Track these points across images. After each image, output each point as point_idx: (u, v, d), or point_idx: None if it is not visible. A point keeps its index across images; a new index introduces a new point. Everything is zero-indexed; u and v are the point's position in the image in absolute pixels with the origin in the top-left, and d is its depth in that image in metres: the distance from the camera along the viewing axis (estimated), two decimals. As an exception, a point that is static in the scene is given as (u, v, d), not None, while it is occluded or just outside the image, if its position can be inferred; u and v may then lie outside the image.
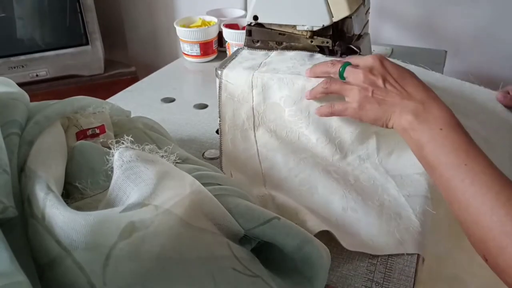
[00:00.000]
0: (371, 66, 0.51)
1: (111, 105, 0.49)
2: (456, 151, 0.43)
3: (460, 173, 0.41)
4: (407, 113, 0.47)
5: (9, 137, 0.35)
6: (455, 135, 0.44)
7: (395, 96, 0.48)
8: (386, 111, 0.48)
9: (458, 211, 0.42)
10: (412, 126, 0.46)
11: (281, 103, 0.59)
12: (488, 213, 0.39)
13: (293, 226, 0.38)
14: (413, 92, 0.48)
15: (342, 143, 0.58)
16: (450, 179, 0.42)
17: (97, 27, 1.42)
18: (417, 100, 0.47)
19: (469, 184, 0.41)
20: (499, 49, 1.21)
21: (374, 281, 0.43)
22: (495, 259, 0.38)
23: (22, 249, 0.29)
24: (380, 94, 0.49)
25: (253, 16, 0.68)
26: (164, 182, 0.32)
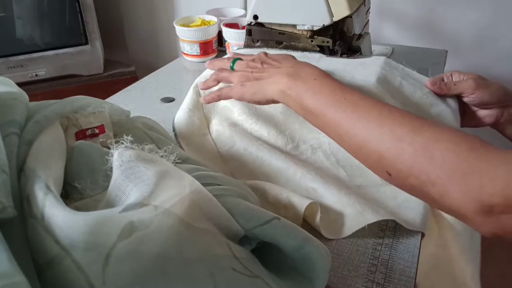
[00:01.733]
0: (254, 57, 0.58)
1: (110, 105, 0.49)
2: (333, 92, 0.46)
3: (341, 106, 0.45)
4: (281, 76, 0.51)
5: (9, 137, 0.35)
6: (329, 81, 0.48)
7: (270, 69, 0.54)
8: (263, 83, 0.53)
9: (348, 140, 0.44)
10: (288, 85, 0.50)
11: (228, 105, 0.63)
12: (376, 129, 0.41)
13: (293, 226, 0.38)
14: (284, 62, 0.54)
15: (293, 133, 0.60)
16: (334, 116, 0.45)
17: (96, 26, 1.42)
18: (288, 66, 0.53)
19: (352, 111, 0.44)
20: (499, 49, 1.21)
21: (375, 281, 0.43)
22: (396, 167, 0.39)
23: (21, 249, 0.28)
24: (258, 71, 0.54)
25: (253, 16, 0.68)
26: (163, 182, 0.32)
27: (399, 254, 0.46)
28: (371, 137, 0.41)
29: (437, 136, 0.37)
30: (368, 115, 0.42)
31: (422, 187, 0.37)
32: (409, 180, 0.38)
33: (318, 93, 0.47)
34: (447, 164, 0.35)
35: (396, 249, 0.47)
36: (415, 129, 0.39)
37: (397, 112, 0.42)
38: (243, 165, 0.57)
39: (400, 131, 0.39)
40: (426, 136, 0.38)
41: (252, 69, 0.55)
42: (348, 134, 0.44)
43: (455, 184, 0.35)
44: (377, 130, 0.41)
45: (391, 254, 0.46)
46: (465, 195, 0.34)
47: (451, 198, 0.35)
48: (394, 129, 0.40)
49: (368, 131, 0.42)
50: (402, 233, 0.49)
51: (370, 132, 0.41)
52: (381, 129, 0.41)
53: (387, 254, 0.46)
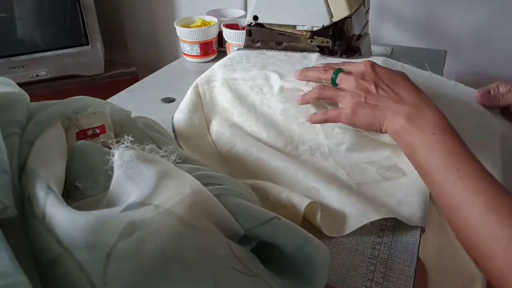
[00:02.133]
0: (363, 72, 0.52)
1: (111, 105, 0.49)
2: (448, 156, 0.43)
3: (452, 177, 0.42)
4: (400, 116, 0.47)
5: (10, 137, 0.35)
6: (448, 140, 0.44)
7: (387, 100, 0.48)
8: (379, 116, 0.49)
9: (450, 215, 0.42)
10: (405, 129, 0.46)
11: (228, 106, 0.63)
12: (478, 217, 0.39)
13: (293, 226, 0.38)
14: (405, 96, 0.48)
15: (292, 134, 0.60)
16: (442, 183, 0.42)
17: (97, 27, 1.42)
18: (410, 104, 0.47)
19: (461, 188, 0.41)
20: (499, 49, 1.21)
21: (374, 281, 0.43)
22: (486, 263, 0.38)
23: (23, 249, 0.29)
24: (372, 99, 0.49)
25: (253, 16, 0.68)
26: (164, 182, 0.32)
27: (398, 253, 0.46)
28: (471, 225, 0.39)
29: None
30: (475, 201, 0.39)
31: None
32: (494, 282, 0.37)
33: (432, 151, 0.44)
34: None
35: (395, 248, 0.47)
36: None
37: (505, 204, 0.39)
38: (244, 165, 0.57)
39: (501, 232, 0.37)
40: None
41: (365, 93, 0.50)
42: (451, 210, 0.42)
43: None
44: (479, 222, 0.39)
45: (390, 253, 0.46)
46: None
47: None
48: (495, 228, 0.37)
49: (470, 218, 0.39)
50: (401, 232, 0.49)
51: (471, 220, 0.39)
52: (483, 222, 0.38)
53: (386, 253, 0.46)
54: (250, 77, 0.62)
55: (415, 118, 0.46)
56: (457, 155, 0.43)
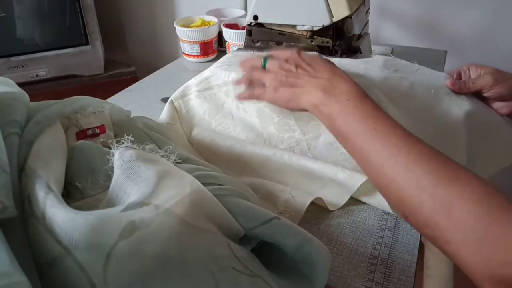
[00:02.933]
0: (287, 56, 0.55)
1: (111, 105, 0.49)
2: (364, 118, 0.44)
3: (371, 137, 0.43)
4: (317, 90, 0.49)
5: (9, 137, 0.35)
6: (362, 104, 0.46)
7: (305, 77, 0.51)
8: (297, 91, 0.51)
9: (374, 176, 0.43)
10: (322, 101, 0.48)
11: (206, 117, 0.64)
12: (402, 171, 0.40)
13: (293, 226, 0.38)
14: (321, 71, 0.51)
15: (270, 135, 0.61)
16: (362, 145, 0.44)
17: (97, 27, 1.42)
18: (324, 77, 0.50)
19: (381, 146, 0.42)
20: (499, 49, 1.21)
21: (374, 281, 0.43)
22: (415, 215, 0.38)
23: (22, 248, 0.29)
24: (292, 77, 0.52)
25: (253, 16, 0.68)
26: (164, 182, 0.32)
27: (398, 253, 0.46)
28: (395, 180, 0.40)
29: (460, 192, 0.36)
30: (396, 156, 0.41)
31: (436, 241, 0.37)
32: (425, 230, 0.38)
33: (349, 116, 0.46)
34: (463, 226, 0.35)
35: (395, 249, 0.47)
36: (440, 179, 0.37)
37: (426, 154, 0.40)
38: (232, 162, 0.58)
39: (424, 180, 0.38)
40: (449, 190, 0.36)
41: (286, 72, 0.53)
42: (374, 170, 0.43)
43: (468, 249, 0.34)
44: (403, 174, 0.39)
45: (391, 254, 0.46)
46: (476, 262, 0.34)
47: (463, 261, 0.35)
48: (419, 176, 0.38)
49: (393, 174, 0.40)
50: (401, 233, 0.49)
51: (395, 175, 0.40)
52: (406, 173, 0.39)
53: (387, 253, 0.46)
54: (223, 83, 0.63)
55: (330, 89, 0.48)
56: (373, 117, 0.44)
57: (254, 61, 0.58)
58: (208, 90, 0.64)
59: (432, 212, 0.37)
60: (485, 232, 0.33)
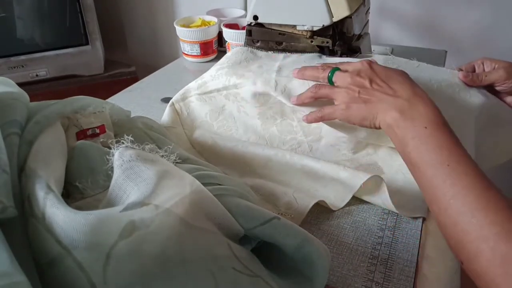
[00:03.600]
0: (359, 69, 0.52)
1: (111, 105, 0.49)
2: (439, 150, 0.42)
3: (442, 173, 0.41)
4: (392, 110, 0.46)
5: (9, 137, 0.35)
6: (439, 134, 0.43)
7: (381, 94, 0.48)
8: (372, 109, 0.48)
9: (438, 212, 0.41)
10: (397, 123, 0.46)
11: (208, 119, 0.64)
12: (467, 215, 0.38)
13: (293, 226, 0.38)
14: (399, 90, 0.48)
15: (272, 137, 0.61)
16: (432, 179, 0.42)
17: (97, 27, 1.42)
18: (403, 97, 0.47)
19: (450, 185, 0.40)
20: (499, 49, 1.21)
21: (374, 281, 0.43)
22: (472, 264, 0.37)
23: (22, 248, 0.29)
24: (366, 94, 0.49)
25: (253, 16, 0.68)
26: (164, 182, 0.32)
27: (398, 253, 0.46)
28: (458, 221, 0.38)
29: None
30: (464, 199, 0.39)
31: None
32: (479, 282, 0.37)
33: (423, 145, 0.43)
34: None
35: (395, 249, 0.47)
36: (504, 232, 0.36)
37: (495, 202, 0.38)
38: (234, 163, 0.58)
39: (488, 230, 0.36)
40: (509, 245, 0.35)
41: (360, 88, 0.50)
42: (439, 206, 0.41)
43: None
44: (467, 219, 0.38)
45: (390, 254, 0.46)
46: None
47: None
48: (483, 225, 0.37)
49: (458, 215, 0.39)
50: (401, 232, 0.49)
51: (459, 217, 0.38)
52: (471, 219, 0.37)
53: (386, 253, 0.46)
54: (223, 87, 0.62)
55: (407, 111, 0.46)
56: (448, 150, 0.42)
57: (317, 73, 0.55)
58: (208, 93, 0.64)
59: (489, 265, 0.35)
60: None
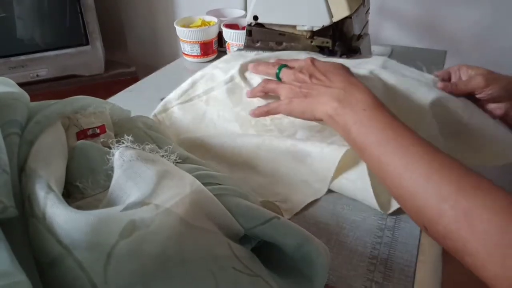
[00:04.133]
0: (301, 66, 0.55)
1: (111, 105, 0.49)
2: (382, 129, 0.44)
3: (390, 149, 0.42)
4: (331, 100, 0.48)
5: (9, 137, 0.35)
6: (379, 114, 0.45)
7: (319, 87, 0.51)
8: (312, 102, 0.51)
9: (392, 187, 0.42)
10: (337, 111, 0.47)
11: (190, 127, 0.64)
12: (422, 182, 0.39)
13: (293, 226, 0.38)
14: (335, 81, 0.51)
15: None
16: (381, 156, 0.43)
17: (97, 27, 1.42)
18: (339, 87, 0.49)
19: (400, 157, 0.41)
20: (499, 49, 1.21)
21: (374, 280, 0.43)
22: (435, 226, 0.37)
23: (23, 248, 0.29)
24: (306, 88, 0.52)
25: (253, 16, 0.68)
26: (164, 182, 0.32)
27: (398, 253, 0.46)
28: (415, 191, 0.39)
29: (482, 201, 0.35)
30: (417, 166, 0.39)
31: (458, 253, 0.36)
32: (446, 241, 0.37)
33: (366, 127, 0.45)
34: (487, 237, 0.33)
35: (395, 248, 0.47)
36: (461, 189, 0.36)
37: (448, 164, 0.39)
38: (224, 157, 0.58)
39: (445, 190, 0.37)
40: (471, 200, 0.35)
41: (301, 84, 0.53)
42: (392, 181, 0.41)
43: (492, 261, 0.33)
44: (423, 185, 0.38)
45: (390, 253, 0.46)
46: (501, 273, 0.32)
47: (486, 272, 0.34)
48: (440, 186, 0.37)
49: (413, 184, 0.39)
50: (401, 232, 0.49)
51: (415, 185, 0.39)
52: (427, 184, 0.38)
53: (386, 253, 0.46)
54: (203, 92, 0.64)
55: (345, 99, 0.48)
56: (391, 127, 0.43)
57: (267, 68, 0.58)
58: (189, 101, 0.65)
59: (453, 223, 0.36)
60: (511, 244, 0.32)
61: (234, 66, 0.64)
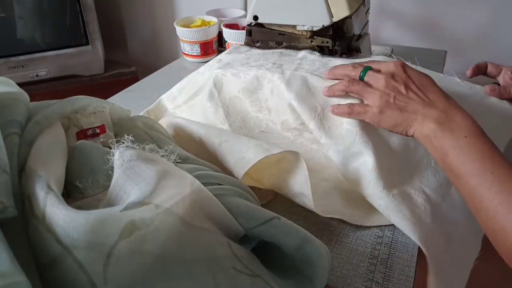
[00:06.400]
0: (393, 72, 0.51)
1: (111, 105, 0.49)
2: (481, 159, 0.42)
3: (487, 181, 0.41)
4: (430, 121, 0.46)
5: (9, 137, 0.35)
6: (480, 143, 0.43)
7: (418, 103, 0.48)
8: (407, 118, 0.48)
9: (485, 220, 0.41)
10: (435, 134, 0.45)
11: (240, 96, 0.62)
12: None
13: (293, 226, 0.38)
14: (436, 100, 0.48)
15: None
16: (476, 188, 0.41)
17: (97, 27, 1.42)
18: (440, 108, 0.47)
19: (496, 192, 0.40)
20: (499, 49, 1.21)
21: (374, 281, 0.43)
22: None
23: (23, 248, 0.29)
24: (402, 100, 0.48)
25: (253, 16, 0.68)
26: (164, 181, 0.32)
27: (398, 253, 0.46)
28: (508, 227, 0.38)
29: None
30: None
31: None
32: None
33: (464, 155, 0.43)
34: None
35: (395, 248, 0.47)
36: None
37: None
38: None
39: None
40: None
41: (395, 94, 0.49)
42: (486, 214, 0.40)
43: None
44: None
45: (390, 253, 0.46)
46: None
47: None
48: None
49: (507, 221, 0.38)
50: (401, 232, 0.49)
51: (509, 223, 0.38)
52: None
53: (386, 253, 0.46)
54: (188, 97, 0.66)
55: (445, 122, 0.46)
56: (490, 158, 0.42)
57: (348, 71, 0.54)
58: (178, 107, 0.67)
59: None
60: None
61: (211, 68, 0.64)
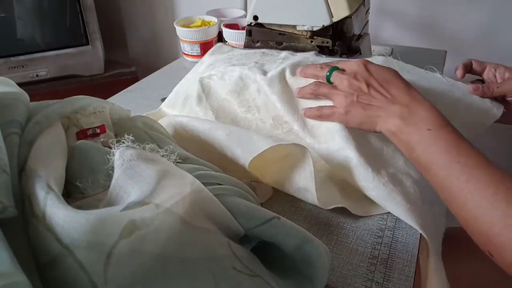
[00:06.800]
0: (355, 71, 0.52)
1: (111, 105, 0.49)
2: (447, 150, 0.42)
3: (455, 171, 0.41)
4: (394, 117, 0.47)
5: (9, 137, 0.35)
6: (444, 134, 0.44)
7: (380, 101, 0.49)
8: (371, 116, 0.49)
9: (456, 209, 0.41)
10: (400, 129, 0.46)
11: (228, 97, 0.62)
12: (488, 208, 0.38)
13: (293, 226, 0.38)
14: (398, 95, 0.48)
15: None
16: (445, 178, 0.42)
17: (97, 27, 1.42)
18: (402, 103, 0.47)
19: (465, 181, 0.40)
20: (499, 49, 1.21)
21: (374, 281, 0.43)
22: (501, 254, 0.37)
23: (23, 248, 0.29)
24: (365, 99, 0.50)
25: (253, 16, 0.68)
26: (164, 181, 0.32)
27: (398, 253, 0.46)
28: (481, 216, 0.38)
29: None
30: (482, 192, 0.38)
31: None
32: (509, 270, 0.36)
33: (430, 147, 0.43)
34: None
35: (395, 248, 0.47)
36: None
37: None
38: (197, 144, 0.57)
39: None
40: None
41: (358, 93, 0.50)
42: (457, 204, 0.41)
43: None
44: (489, 211, 0.37)
45: (390, 253, 0.46)
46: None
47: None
48: (508, 214, 0.36)
49: (479, 209, 0.38)
50: (401, 232, 0.49)
51: (481, 210, 0.38)
52: (494, 211, 0.37)
53: (386, 253, 0.46)
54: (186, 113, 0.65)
55: (408, 116, 0.46)
56: (456, 148, 0.42)
57: (317, 71, 0.55)
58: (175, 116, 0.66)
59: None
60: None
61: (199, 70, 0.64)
